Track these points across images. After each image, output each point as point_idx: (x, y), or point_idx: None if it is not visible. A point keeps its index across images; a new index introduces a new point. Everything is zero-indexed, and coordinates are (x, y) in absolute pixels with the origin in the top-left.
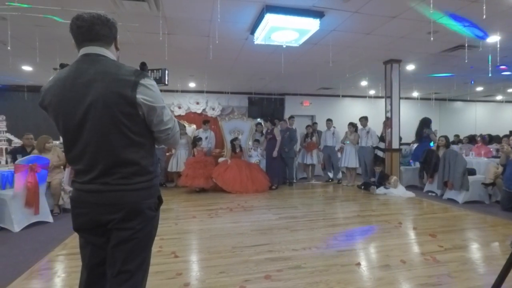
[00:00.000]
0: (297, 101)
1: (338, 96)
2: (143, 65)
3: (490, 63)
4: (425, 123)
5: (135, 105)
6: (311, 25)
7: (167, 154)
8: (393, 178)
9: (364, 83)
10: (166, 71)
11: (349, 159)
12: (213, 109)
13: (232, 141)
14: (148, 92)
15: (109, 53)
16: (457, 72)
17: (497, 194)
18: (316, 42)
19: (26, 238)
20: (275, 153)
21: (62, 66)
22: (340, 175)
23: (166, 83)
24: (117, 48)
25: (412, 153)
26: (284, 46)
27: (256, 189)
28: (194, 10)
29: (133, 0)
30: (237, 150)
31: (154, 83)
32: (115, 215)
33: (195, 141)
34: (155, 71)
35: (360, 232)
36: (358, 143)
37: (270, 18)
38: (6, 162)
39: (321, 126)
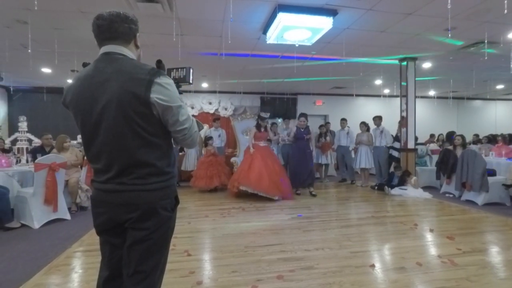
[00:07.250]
0: (310, 100)
1: (352, 95)
2: (159, 63)
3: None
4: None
5: (149, 104)
6: (324, 23)
7: (180, 154)
8: (413, 178)
9: (378, 81)
10: (191, 70)
11: (363, 160)
12: (226, 109)
13: (259, 119)
14: (163, 91)
15: (128, 51)
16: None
17: None
18: (329, 41)
19: (45, 234)
20: (311, 146)
21: (85, 65)
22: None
23: (191, 82)
24: (137, 46)
25: None
26: (297, 45)
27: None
28: (206, 11)
29: (147, 2)
30: (262, 129)
31: (170, 81)
32: (131, 214)
33: (206, 140)
34: (179, 69)
35: (374, 233)
36: (372, 143)
37: (282, 17)
38: (27, 161)
39: (334, 125)
